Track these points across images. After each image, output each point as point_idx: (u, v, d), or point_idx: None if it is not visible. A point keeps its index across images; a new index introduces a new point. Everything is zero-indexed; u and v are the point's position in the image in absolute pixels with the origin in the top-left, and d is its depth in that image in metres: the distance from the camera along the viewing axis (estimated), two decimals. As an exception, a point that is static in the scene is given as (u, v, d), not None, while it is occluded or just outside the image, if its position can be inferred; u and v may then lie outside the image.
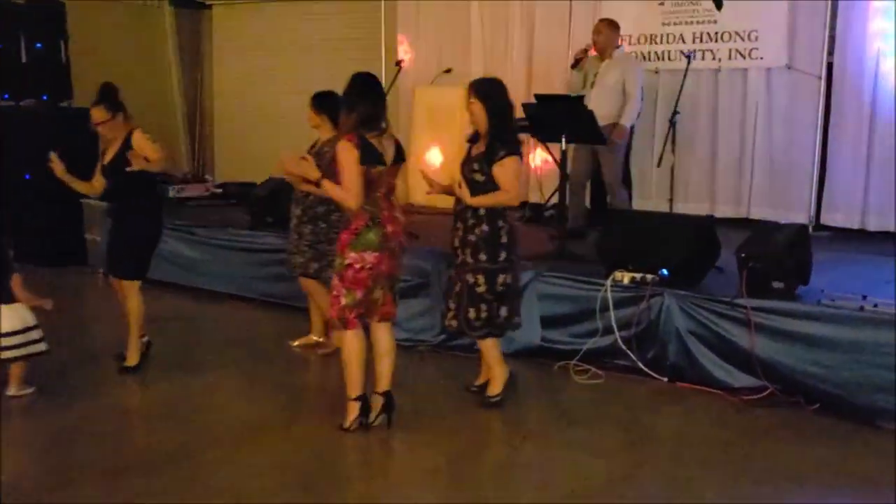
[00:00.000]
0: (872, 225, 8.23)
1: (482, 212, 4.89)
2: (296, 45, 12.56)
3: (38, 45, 9.17)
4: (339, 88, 4.69)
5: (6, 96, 9.40)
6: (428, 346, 6.32)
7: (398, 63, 8.01)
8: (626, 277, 5.72)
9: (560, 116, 6.55)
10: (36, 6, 9.32)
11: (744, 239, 5.60)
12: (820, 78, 8.30)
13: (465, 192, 4.87)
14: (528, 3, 10.01)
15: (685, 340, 5.50)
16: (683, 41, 8.98)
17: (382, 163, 4.49)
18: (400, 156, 4.61)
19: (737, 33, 8.69)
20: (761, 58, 8.60)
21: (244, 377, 5.82)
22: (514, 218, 5.13)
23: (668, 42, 9.07)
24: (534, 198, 9.41)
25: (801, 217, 8.45)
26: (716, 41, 8.79)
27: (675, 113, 6.81)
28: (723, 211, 8.88)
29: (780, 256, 5.27)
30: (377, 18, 11.12)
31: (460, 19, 10.52)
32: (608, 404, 5.36)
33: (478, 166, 4.86)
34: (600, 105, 7.50)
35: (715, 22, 8.75)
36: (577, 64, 8.10)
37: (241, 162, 12.92)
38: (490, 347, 5.18)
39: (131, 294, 5.78)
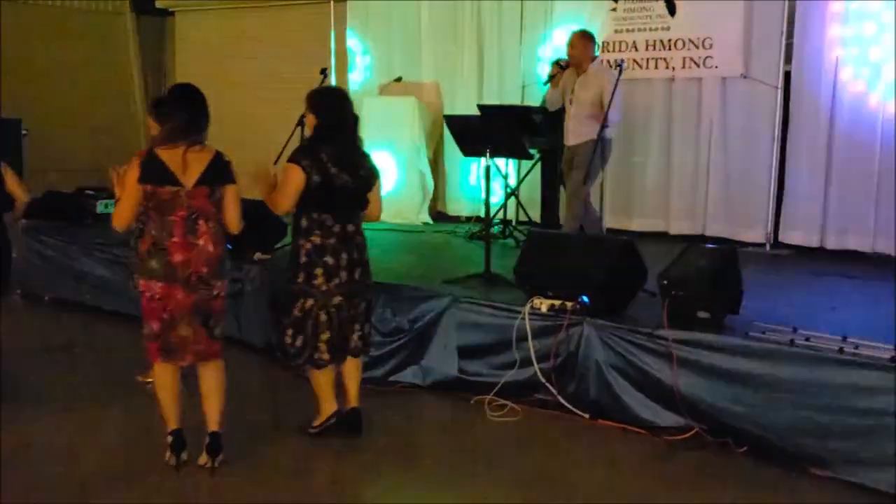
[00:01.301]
0: (832, 243, 7.77)
1: (292, 227, 4.61)
2: (256, 51, 12.19)
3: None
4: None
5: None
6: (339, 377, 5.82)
7: (323, 71, 7.55)
8: (544, 305, 5.26)
9: (483, 130, 6.09)
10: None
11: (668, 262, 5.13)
12: (777, 87, 7.86)
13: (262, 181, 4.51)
14: (478, 8, 9.58)
15: (606, 374, 5.04)
16: (636, 49, 8.55)
17: (172, 182, 4.08)
18: (219, 177, 4.19)
19: (691, 41, 8.29)
20: (716, 66, 8.18)
21: (116, 414, 5.31)
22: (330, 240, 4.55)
23: (620, 50, 8.63)
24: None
25: (758, 234, 8.04)
26: (669, 49, 8.37)
27: (602, 127, 6.39)
28: (678, 227, 8.47)
29: (705, 283, 4.81)
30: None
31: (411, 25, 10.10)
32: (516, 445, 4.90)
33: None
34: (579, 121, 7.02)
35: (668, 29, 8.34)
36: (550, 80, 7.55)
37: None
38: (311, 376, 4.72)
39: None
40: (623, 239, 5.29)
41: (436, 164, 9.83)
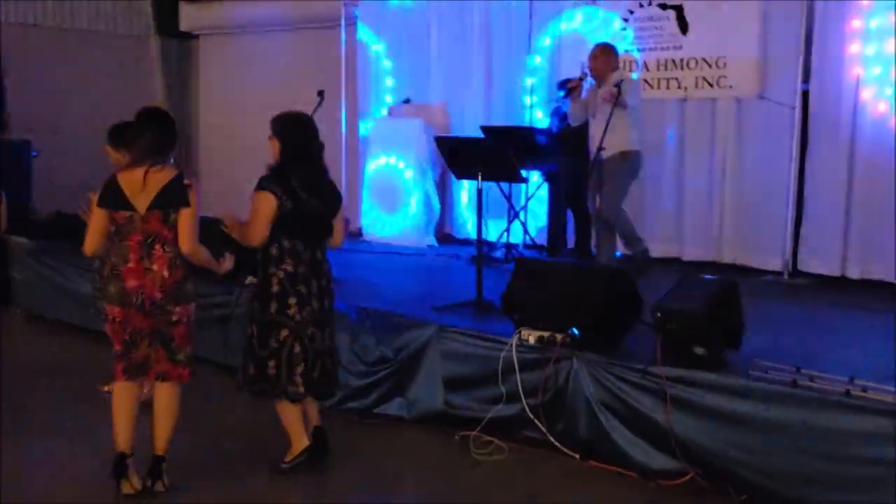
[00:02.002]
0: (854, 272, 7.36)
1: (259, 255, 4.39)
2: (276, 73, 12.05)
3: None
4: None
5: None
6: (321, 408, 5.51)
7: (320, 93, 7.32)
8: (532, 336, 4.94)
9: (475, 152, 5.81)
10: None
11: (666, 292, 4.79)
12: (794, 108, 7.49)
13: (230, 225, 4.33)
14: (487, 29, 9.33)
15: (597, 412, 4.69)
16: (647, 68, 8.24)
17: (126, 206, 4.03)
18: (174, 200, 4.03)
19: (704, 60, 7.95)
20: (730, 86, 7.83)
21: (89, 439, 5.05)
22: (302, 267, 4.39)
23: (630, 70, 8.31)
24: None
25: (776, 262, 7.65)
26: (682, 68, 8.04)
27: (599, 149, 6.08)
28: (691, 253, 8.12)
29: (702, 317, 4.46)
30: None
31: (420, 47, 9.88)
32: (500, 487, 4.56)
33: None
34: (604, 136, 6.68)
35: (680, 47, 8.02)
36: (568, 94, 7.21)
37: (228, 194, 12.36)
38: (280, 409, 4.51)
39: None
40: (615, 267, 4.96)
41: (443, 186, 9.55)
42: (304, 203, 4.29)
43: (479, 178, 5.71)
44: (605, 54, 6.93)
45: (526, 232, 8.34)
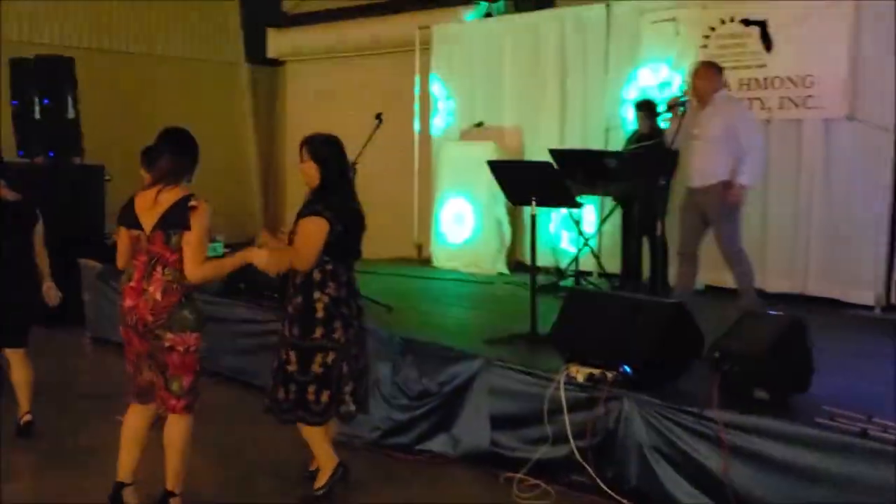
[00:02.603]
0: (955, 307, 6.76)
1: (299, 280, 4.28)
2: (357, 99, 12.01)
3: (46, 100, 8.75)
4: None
5: (21, 153, 9.06)
6: (363, 442, 5.28)
7: (378, 116, 7.16)
8: (581, 374, 4.60)
9: (528, 177, 5.51)
10: (45, 61, 8.95)
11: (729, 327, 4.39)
12: (890, 130, 6.94)
13: (259, 253, 4.21)
14: (562, 49, 9.03)
15: (649, 458, 4.32)
16: (729, 87, 7.75)
17: (135, 226, 4.01)
18: (176, 222, 3.94)
19: (789, 78, 7.46)
20: (818, 107, 7.32)
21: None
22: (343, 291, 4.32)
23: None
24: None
25: (867, 296, 7.09)
26: (765, 87, 7.57)
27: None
28: (775, 285, 7.58)
29: (763, 357, 4.06)
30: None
31: (494, 69, 9.64)
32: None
33: (294, 227, 4.34)
34: (704, 161, 6.30)
35: (764, 66, 7.56)
36: (668, 110, 6.76)
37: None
38: (309, 434, 4.41)
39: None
40: (671, 302, 4.59)
41: (515, 212, 9.25)
42: (350, 227, 4.28)
43: (533, 203, 5.41)
44: (709, 72, 6.43)
45: (597, 260, 7.96)
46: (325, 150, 4.32)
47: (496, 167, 5.65)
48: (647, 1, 8.38)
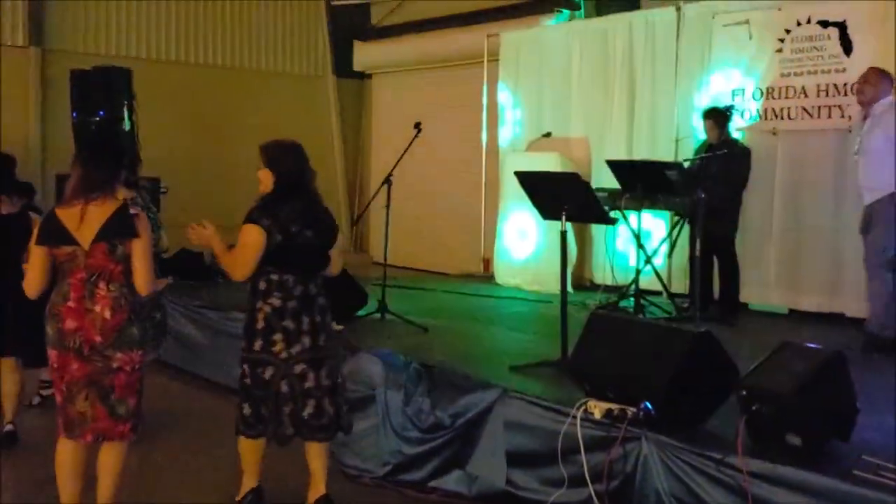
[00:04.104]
0: None
1: (249, 289, 4.14)
2: (438, 111, 11.79)
3: (101, 112, 8.75)
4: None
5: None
6: (372, 478, 4.94)
7: (416, 125, 6.85)
8: (598, 409, 4.15)
9: (558, 190, 5.08)
10: (102, 72, 8.96)
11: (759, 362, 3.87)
12: None
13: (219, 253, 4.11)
14: (630, 57, 8.54)
15: (668, 507, 3.85)
16: (806, 94, 7.18)
17: (68, 241, 3.72)
18: (120, 231, 3.73)
19: (872, 84, 6.77)
20: (904, 114, 6.62)
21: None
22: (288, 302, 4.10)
23: (787, 97, 7.29)
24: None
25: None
26: (845, 94, 6.91)
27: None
28: (856, 308, 6.90)
29: (795, 397, 3.54)
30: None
31: (562, 79, 9.21)
32: None
33: None
34: (867, 174, 5.90)
35: (843, 70, 6.92)
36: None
37: (397, 238, 12.22)
38: (241, 448, 4.28)
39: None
40: (699, 331, 4.08)
41: (582, 226, 8.78)
42: (294, 235, 4.05)
43: (563, 218, 4.98)
44: (879, 78, 5.99)
45: (659, 279, 7.43)
46: (280, 156, 4.13)
47: (523, 178, 5.23)
48: (719, 2, 7.82)
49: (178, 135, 11.18)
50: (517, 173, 5.30)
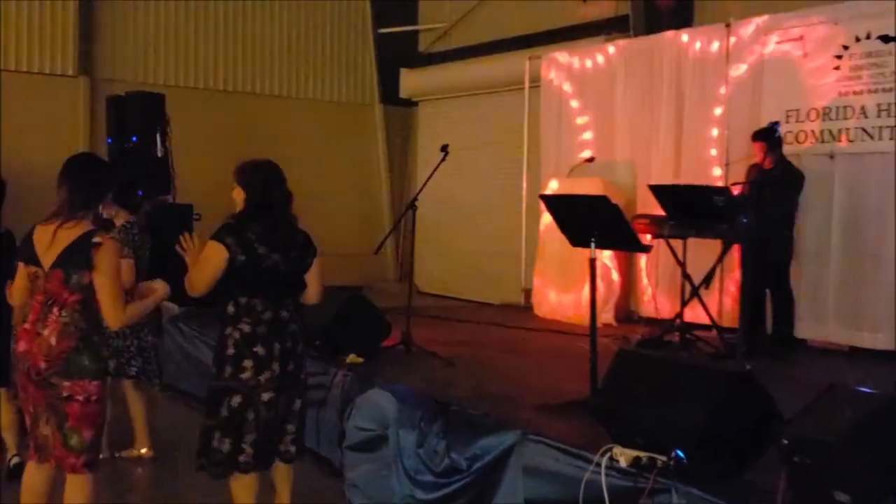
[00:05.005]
0: None
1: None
2: (485, 136, 11.52)
3: (134, 137, 8.64)
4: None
5: (114, 192, 9.00)
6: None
7: (443, 148, 6.53)
8: (624, 457, 3.73)
9: (586, 214, 4.69)
10: (136, 98, 8.87)
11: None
12: None
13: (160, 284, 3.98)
14: (677, 77, 8.12)
15: (701, 572, 3.41)
16: (865, 115, 6.69)
17: (34, 262, 3.61)
18: (77, 260, 3.53)
19: (936, 102, 6.30)
20: (973, 135, 6.13)
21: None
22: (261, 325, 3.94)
23: (845, 117, 6.81)
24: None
25: None
26: (909, 114, 6.42)
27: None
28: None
29: (843, 448, 3.09)
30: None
31: (605, 101, 8.84)
32: None
33: None
34: None
35: (907, 89, 6.43)
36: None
37: (442, 258, 11.96)
38: (233, 487, 4.02)
39: None
40: (737, 371, 3.66)
41: (627, 254, 8.35)
42: (260, 257, 3.91)
43: (593, 245, 4.58)
44: None
45: (706, 311, 6.95)
46: (251, 175, 4.00)
47: (549, 202, 4.85)
48: (771, 16, 7.37)
49: (221, 163, 11.04)
50: (542, 197, 4.95)
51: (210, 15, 11.65)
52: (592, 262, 4.66)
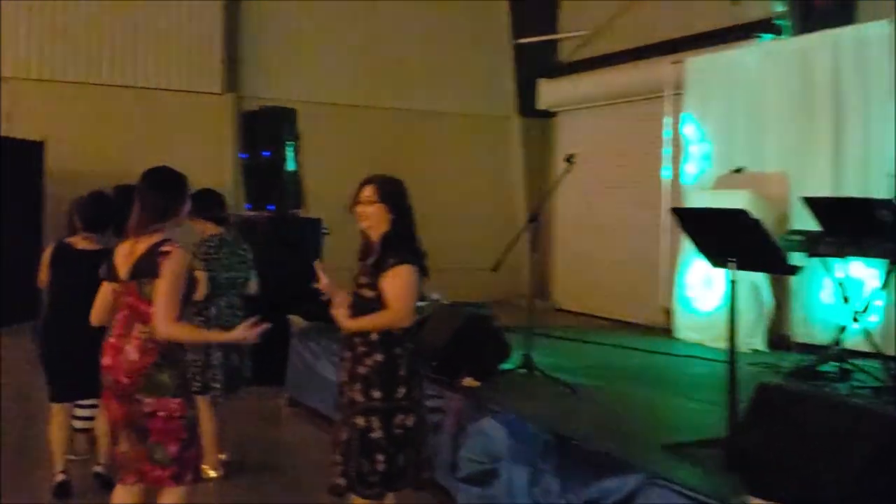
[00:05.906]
0: None
1: (374, 336, 3.69)
2: (624, 149, 11.04)
3: (265, 152, 8.61)
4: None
5: (248, 206, 9.02)
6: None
7: (568, 158, 6.04)
8: (762, 511, 3.21)
9: (724, 231, 4.15)
10: (268, 113, 8.85)
11: None
12: None
13: (339, 314, 3.68)
14: (836, 81, 7.40)
15: None
16: None
17: (114, 277, 3.62)
18: (146, 269, 3.49)
19: None
20: None
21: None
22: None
23: None
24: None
25: None
26: None
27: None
28: None
29: None
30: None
31: (756, 108, 8.19)
32: None
33: (367, 279, 3.74)
34: None
35: None
36: None
37: (581, 272, 11.55)
38: None
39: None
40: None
41: (781, 276, 7.64)
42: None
43: (733, 266, 4.04)
44: None
45: (870, 339, 6.21)
46: (394, 192, 3.84)
47: (682, 216, 4.33)
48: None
49: (356, 178, 11.00)
50: (674, 210, 4.42)
51: (345, 31, 11.69)
52: (732, 284, 4.12)
